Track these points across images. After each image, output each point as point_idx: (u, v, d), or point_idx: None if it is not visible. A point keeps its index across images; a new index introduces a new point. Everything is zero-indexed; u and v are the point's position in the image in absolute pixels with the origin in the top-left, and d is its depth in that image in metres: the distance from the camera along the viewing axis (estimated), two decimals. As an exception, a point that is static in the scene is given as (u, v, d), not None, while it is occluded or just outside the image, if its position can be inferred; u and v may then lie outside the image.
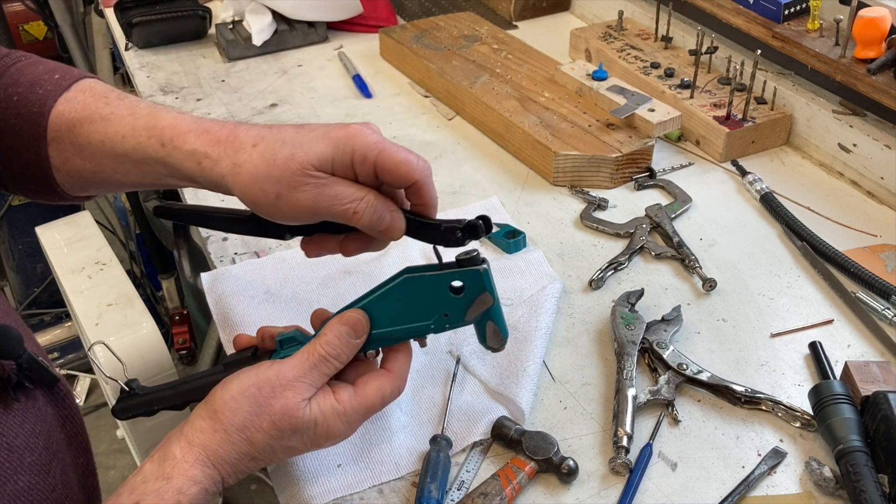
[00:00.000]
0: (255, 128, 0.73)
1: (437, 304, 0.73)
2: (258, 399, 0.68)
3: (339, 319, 0.72)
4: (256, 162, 0.70)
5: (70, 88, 0.78)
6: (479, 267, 0.72)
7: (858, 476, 0.73)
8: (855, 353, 0.92)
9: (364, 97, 1.44)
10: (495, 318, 0.74)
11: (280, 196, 0.70)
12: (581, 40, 1.49)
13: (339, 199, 0.70)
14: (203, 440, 0.67)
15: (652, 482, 0.78)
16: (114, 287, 1.69)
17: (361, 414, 0.72)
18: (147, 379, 1.62)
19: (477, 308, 0.73)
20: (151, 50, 1.60)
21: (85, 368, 2.50)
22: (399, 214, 0.73)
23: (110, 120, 0.76)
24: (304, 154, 0.69)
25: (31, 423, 0.67)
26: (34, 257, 2.45)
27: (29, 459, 0.65)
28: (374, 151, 0.70)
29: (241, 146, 0.71)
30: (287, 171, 0.69)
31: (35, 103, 0.77)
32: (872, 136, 1.14)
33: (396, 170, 0.70)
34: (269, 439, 0.68)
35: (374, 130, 0.72)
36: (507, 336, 0.75)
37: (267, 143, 0.71)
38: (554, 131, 1.21)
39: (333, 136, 0.70)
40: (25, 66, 0.80)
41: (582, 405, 0.86)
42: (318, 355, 0.70)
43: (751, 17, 1.29)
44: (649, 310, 0.96)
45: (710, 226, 1.11)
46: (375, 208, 0.71)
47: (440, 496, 0.75)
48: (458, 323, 0.74)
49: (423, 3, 1.76)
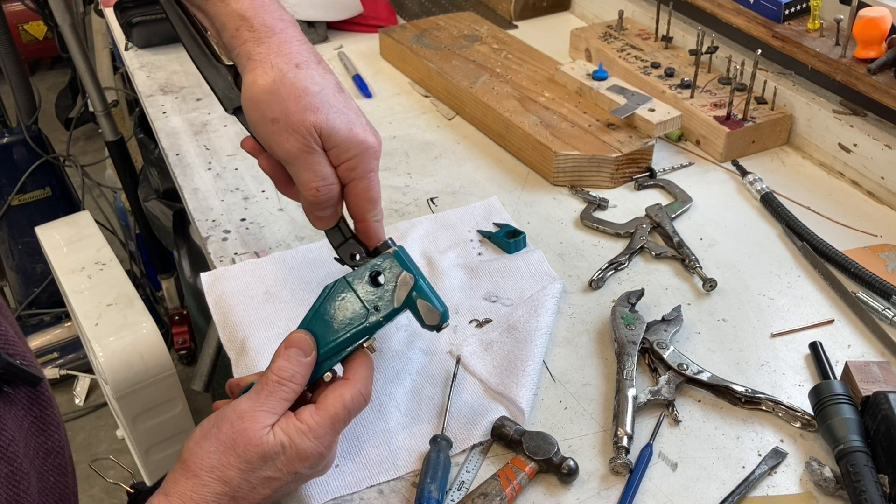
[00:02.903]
0: (307, 45, 0.74)
1: (365, 299, 0.73)
2: (220, 437, 0.67)
3: (284, 344, 0.72)
4: (287, 81, 0.71)
5: None
6: (390, 250, 0.74)
7: (859, 476, 0.73)
8: (855, 353, 0.91)
9: (364, 97, 1.44)
10: (423, 294, 0.73)
11: (275, 122, 0.72)
12: (581, 40, 1.48)
13: (314, 170, 0.73)
14: (178, 489, 0.66)
15: (652, 482, 0.78)
16: (113, 287, 1.69)
17: (328, 427, 0.70)
18: (147, 379, 1.62)
19: (402, 290, 0.73)
20: (151, 50, 1.60)
21: (85, 368, 2.49)
22: (336, 217, 0.79)
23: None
24: (325, 118, 0.72)
25: (11, 431, 0.66)
26: (34, 257, 2.45)
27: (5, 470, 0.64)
28: (361, 174, 0.75)
29: (287, 53, 0.72)
30: (300, 115, 0.71)
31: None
32: (873, 136, 1.14)
33: (359, 201, 0.76)
34: (241, 474, 0.67)
35: (378, 156, 0.76)
36: (445, 310, 0.74)
37: (308, 75, 0.72)
38: (554, 131, 1.21)
39: (354, 133, 0.74)
40: None
41: (582, 405, 0.86)
42: (271, 382, 0.70)
43: (751, 17, 1.29)
44: (649, 310, 0.96)
45: (711, 226, 1.11)
46: (331, 198, 0.75)
47: (440, 496, 0.75)
48: (392, 311, 0.73)
49: (423, 3, 1.76)
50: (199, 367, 2.36)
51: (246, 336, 0.93)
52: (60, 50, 2.47)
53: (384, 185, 1.20)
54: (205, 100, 1.44)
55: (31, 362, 0.70)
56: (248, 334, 0.94)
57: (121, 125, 2.49)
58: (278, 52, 0.72)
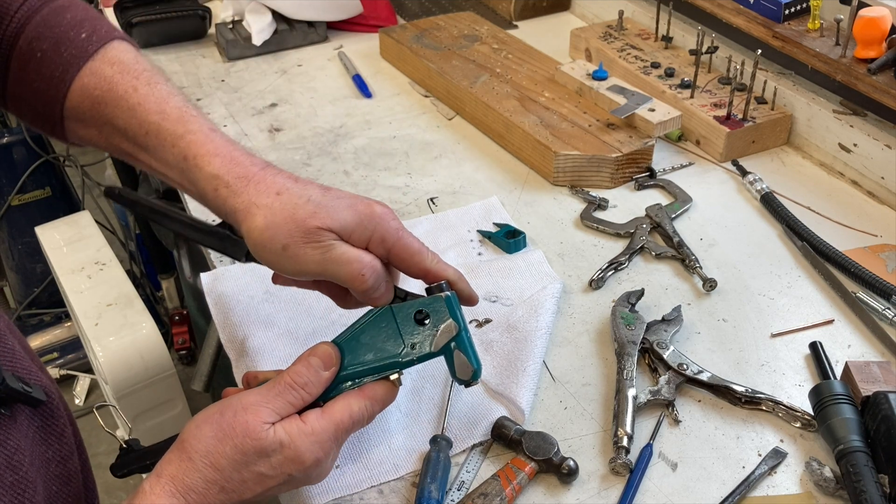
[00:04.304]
0: (282, 174, 0.75)
1: (404, 334, 0.72)
2: (221, 424, 0.67)
3: (310, 351, 0.72)
4: (276, 209, 0.71)
5: (95, 56, 0.76)
6: (443, 294, 0.72)
7: (859, 476, 0.73)
8: (855, 353, 0.91)
9: (364, 97, 1.44)
10: (462, 347, 0.72)
11: (287, 248, 0.71)
12: (581, 40, 1.48)
13: (350, 261, 0.72)
14: (171, 471, 0.66)
15: (652, 482, 0.78)
16: (113, 287, 1.69)
17: (330, 433, 0.69)
18: (147, 379, 1.62)
19: (443, 337, 0.72)
20: (151, 50, 1.60)
21: (85, 368, 2.49)
22: (391, 287, 0.76)
23: (136, 111, 0.75)
24: (328, 216, 0.71)
25: (15, 440, 0.65)
26: (34, 257, 2.45)
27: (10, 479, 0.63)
28: (394, 238, 0.73)
29: (265, 189, 0.73)
30: (303, 227, 0.71)
31: (58, 66, 0.75)
32: (873, 136, 1.14)
33: (410, 259, 0.74)
34: (234, 465, 0.66)
35: (394, 216, 0.75)
36: (478, 368, 0.73)
37: (291, 194, 0.72)
38: (554, 131, 1.21)
39: (359, 210, 0.73)
40: (52, 14, 0.77)
41: (582, 405, 0.86)
42: (283, 384, 0.69)
43: (751, 17, 1.29)
44: (649, 310, 0.96)
45: (711, 226, 1.11)
46: (378, 276, 0.73)
47: (440, 496, 0.75)
48: (426, 354, 0.72)
49: (423, 3, 1.76)
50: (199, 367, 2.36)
51: (246, 336, 0.93)
52: (60, 50, 2.47)
53: (384, 184, 1.21)
54: (205, 100, 1.44)
55: (37, 378, 0.70)
56: (248, 334, 0.94)
57: (121, 125, 2.49)
58: (257, 193, 0.72)
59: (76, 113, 0.77)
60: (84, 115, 0.77)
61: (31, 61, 0.76)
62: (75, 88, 0.76)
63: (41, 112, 0.78)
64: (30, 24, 0.76)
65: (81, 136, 0.79)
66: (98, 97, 0.76)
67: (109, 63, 0.77)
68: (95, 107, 0.76)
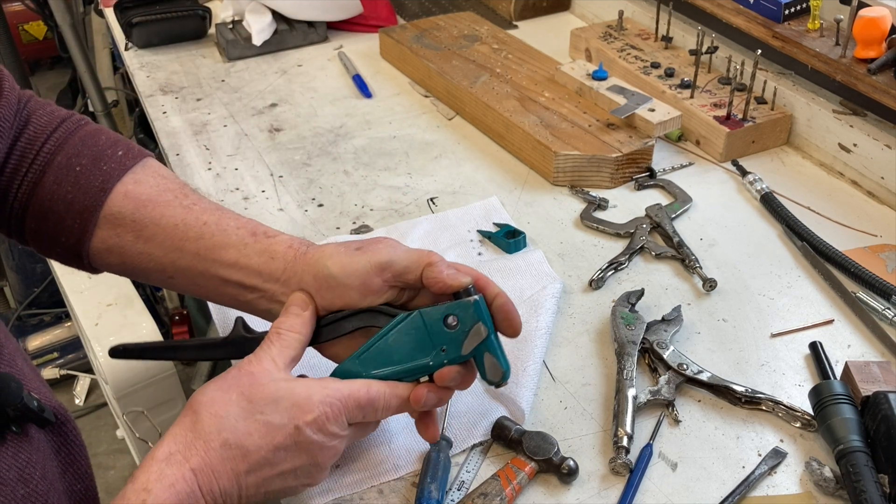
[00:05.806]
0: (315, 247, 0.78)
1: (434, 339, 0.73)
2: (225, 377, 0.69)
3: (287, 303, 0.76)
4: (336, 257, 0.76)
5: (134, 169, 0.81)
6: (471, 298, 0.72)
7: (859, 476, 0.73)
8: (855, 353, 0.91)
9: (364, 97, 1.44)
10: (492, 349, 0.73)
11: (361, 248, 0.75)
12: (581, 40, 1.48)
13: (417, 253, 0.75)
14: (174, 430, 0.67)
15: (652, 482, 0.78)
16: (113, 287, 1.69)
17: (344, 395, 0.69)
18: (147, 379, 1.62)
19: (472, 341, 0.72)
20: (151, 50, 1.60)
21: (85, 368, 2.49)
22: None
23: (192, 209, 0.79)
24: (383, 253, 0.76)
25: (27, 454, 0.65)
26: (34, 257, 2.45)
27: (22, 491, 0.64)
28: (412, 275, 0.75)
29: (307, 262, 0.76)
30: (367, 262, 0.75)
31: (98, 177, 0.78)
32: (873, 136, 1.14)
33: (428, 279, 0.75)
34: (239, 413, 0.66)
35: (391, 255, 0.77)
36: (508, 369, 0.73)
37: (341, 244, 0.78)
38: (554, 131, 1.21)
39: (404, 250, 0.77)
40: (88, 136, 0.81)
41: (582, 405, 0.86)
42: (271, 334, 0.73)
43: (751, 17, 1.29)
44: (649, 310, 0.96)
45: (711, 226, 1.11)
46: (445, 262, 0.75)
47: (440, 496, 0.75)
48: (456, 357, 0.73)
49: (423, 3, 1.76)
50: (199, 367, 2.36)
51: (246, 336, 0.93)
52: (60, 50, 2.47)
53: (384, 184, 1.21)
54: (205, 100, 1.44)
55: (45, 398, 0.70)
56: (248, 334, 0.93)
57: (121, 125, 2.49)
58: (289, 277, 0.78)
59: (115, 217, 0.79)
60: (124, 220, 0.79)
61: (69, 175, 0.79)
62: (117, 193, 0.79)
63: (68, 225, 0.79)
64: (68, 144, 0.80)
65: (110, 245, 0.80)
66: (144, 200, 0.79)
67: (152, 174, 0.82)
68: (140, 209, 0.79)
